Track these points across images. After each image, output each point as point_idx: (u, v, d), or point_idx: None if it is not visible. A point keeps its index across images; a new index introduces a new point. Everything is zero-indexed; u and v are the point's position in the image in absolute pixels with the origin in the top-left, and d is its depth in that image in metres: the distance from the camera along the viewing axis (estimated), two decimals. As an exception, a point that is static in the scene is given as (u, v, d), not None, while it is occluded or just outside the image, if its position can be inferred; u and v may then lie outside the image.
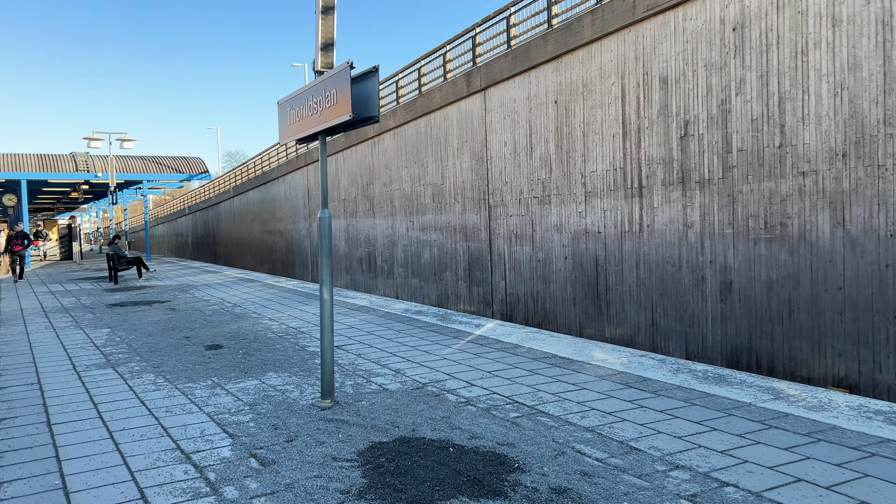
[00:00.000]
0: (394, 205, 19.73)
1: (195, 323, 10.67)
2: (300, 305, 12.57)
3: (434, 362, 7.14)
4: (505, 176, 14.79)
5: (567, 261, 12.91)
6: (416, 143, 18.51)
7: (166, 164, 31.40)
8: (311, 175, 26.28)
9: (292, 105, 5.80)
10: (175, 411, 5.57)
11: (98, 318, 11.68)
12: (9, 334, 10.04)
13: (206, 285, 17.70)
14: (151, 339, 9.28)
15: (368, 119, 4.93)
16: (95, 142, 25.18)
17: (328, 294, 5.60)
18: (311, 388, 6.24)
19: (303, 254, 27.28)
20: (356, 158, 22.35)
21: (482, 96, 15.63)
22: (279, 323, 10.41)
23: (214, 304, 13.14)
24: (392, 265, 19.89)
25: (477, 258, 15.85)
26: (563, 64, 13.05)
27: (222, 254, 39.79)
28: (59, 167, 28.69)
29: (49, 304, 14.10)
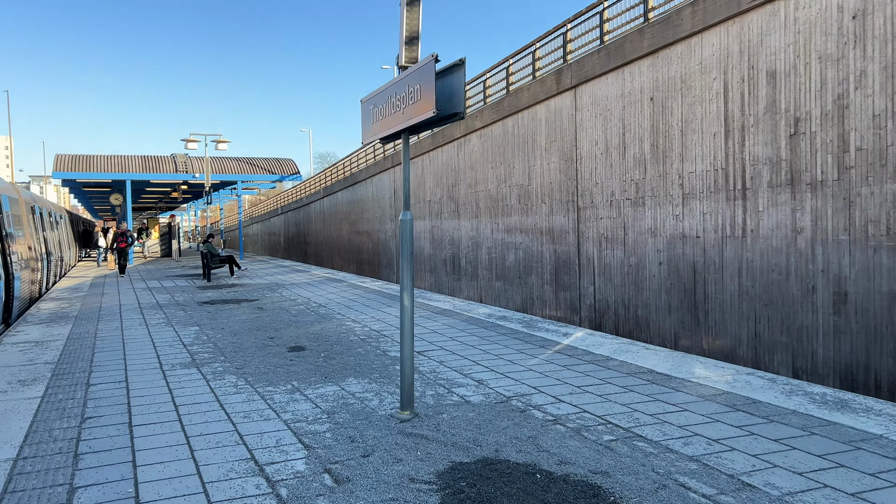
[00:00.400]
0: (479, 206, 19.43)
1: (280, 323, 10.70)
2: (384, 307, 12.45)
3: (519, 373, 6.76)
4: (595, 176, 14.21)
5: (662, 266, 12.23)
6: (502, 143, 18.14)
7: (259, 166, 32.29)
8: (399, 176, 26.35)
9: (375, 103, 5.57)
10: (253, 417, 5.45)
11: (189, 315, 11.94)
12: (107, 330, 10.36)
13: (293, 284, 17.95)
14: (237, 338, 9.33)
15: (453, 116, 4.63)
16: (192, 143, 26.14)
17: (409, 300, 5.33)
18: (391, 396, 6.00)
19: (388, 254, 27.41)
20: (442, 159, 22.19)
21: (572, 94, 15.09)
22: (362, 325, 10.29)
23: (300, 304, 13.21)
24: (476, 267, 19.59)
25: (564, 262, 15.32)
26: (659, 59, 12.38)
27: (312, 253, 40.68)
28: (160, 168, 30.01)
29: (145, 300, 14.60)
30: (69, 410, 5.72)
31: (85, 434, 5.05)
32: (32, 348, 8.76)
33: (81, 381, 6.84)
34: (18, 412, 5.69)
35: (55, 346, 8.93)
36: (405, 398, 5.31)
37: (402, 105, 5.00)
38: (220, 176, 30.37)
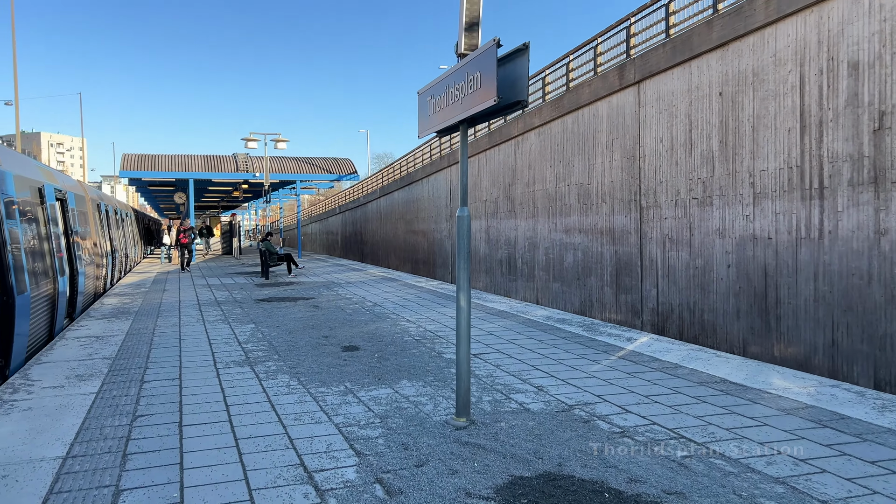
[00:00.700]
0: (536, 206, 19.03)
1: (335, 322, 10.58)
2: (439, 307, 12.22)
3: (581, 380, 6.41)
4: (659, 175, 13.67)
5: (730, 269, 11.64)
6: (561, 141, 17.70)
7: (318, 165, 32.57)
8: (454, 176, 26.14)
9: (432, 94, 5.32)
10: (304, 419, 5.27)
11: (245, 312, 11.95)
12: (164, 326, 10.43)
13: (349, 283, 17.92)
14: (291, 337, 9.24)
15: (515, 104, 4.33)
16: (252, 142, 26.49)
17: (465, 300, 5.06)
18: (446, 401, 5.73)
19: (444, 254, 27.23)
20: (498, 158, 21.86)
21: (636, 90, 14.57)
22: (416, 325, 10.08)
23: (355, 303, 13.11)
24: (533, 268, 19.19)
25: (625, 263, 14.80)
26: (729, 52, 11.79)
27: (368, 252, 40.88)
28: (221, 167, 30.58)
29: (204, 297, 14.75)
30: (122, 408, 5.66)
31: (135, 433, 4.95)
32: (93, 343, 8.85)
33: (136, 377, 6.82)
34: (73, 408, 5.66)
35: (114, 341, 9.01)
36: (461, 404, 5.04)
37: (461, 95, 4.73)
38: (280, 175, 30.74)
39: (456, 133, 5.09)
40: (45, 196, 9.88)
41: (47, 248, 9.65)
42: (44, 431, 5.00)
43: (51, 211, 10.09)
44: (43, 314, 9.10)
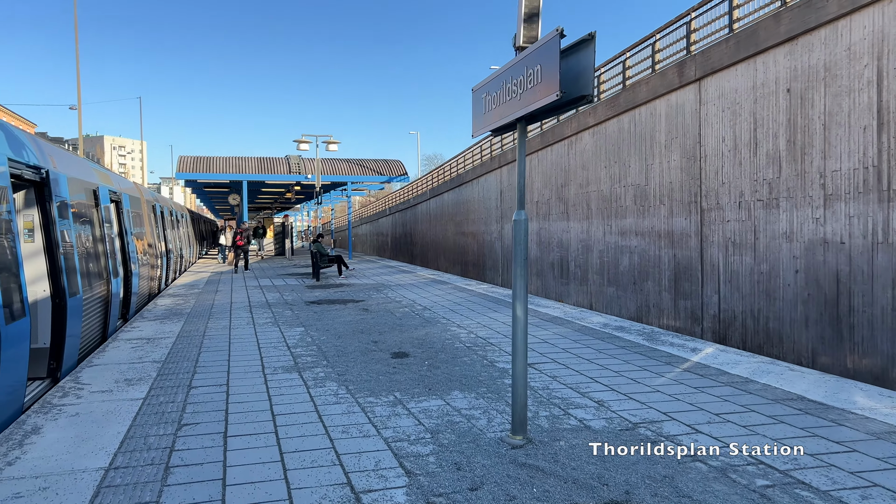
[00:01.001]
0: (590, 207, 18.53)
1: (384, 326, 10.38)
2: (490, 312, 11.91)
3: (645, 395, 6.02)
4: (721, 176, 13.07)
5: (798, 275, 11.00)
6: (617, 141, 17.18)
7: (368, 167, 32.62)
8: (505, 177, 25.77)
9: (488, 91, 5.03)
10: (352, 432, 5.03)
11: (295, 315, 11.86)
12: (215, 328, 10.40)
13: (399, 285, 17.74)
14: (341, 341, 9.06)
15: (580, 99, 4.00)
16: (303, 144, 26.64)
17: (522, 309, 4.74)
18: (501, 416, 5.42)
19: (494, 256, 26.87)
20: (551, 159, 21.41)
21: (696, 87, 13.99)
22: (468, 331, 9.79)
23: (405, 307, 12.90)
24: (586, 272, 18.70)
25: (685, 268, 14.22)
26: (798, 46, 11.16)
27: (418, 254, 40.81)
28: (274, 169, 30.90)
29: (256, 298, 14.76)
30: (167, 415, 5.53)
31: (179, 443, 4.80)
32: (143, 345, 8.83)
33: (184, 382, 6.71)
34: (119, 414, 5.56)
35: (165, 343, 8.98)
36: (517, 421, 4.73)
37: (519, 90, 4.42)
38: (331, 177, 30.88)
39: (510, 132, 4.81)
40: (99, 198, 9.95)
41: (100, 249, 9.70)
42: (88, 440, 4.89)
43: (105, 213, 10.15)
44: (95, 316, 9.13)
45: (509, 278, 24.94)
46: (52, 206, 7.37)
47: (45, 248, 7.27)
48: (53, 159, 8.00)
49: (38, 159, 7.28)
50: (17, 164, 6.47)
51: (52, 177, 7.48)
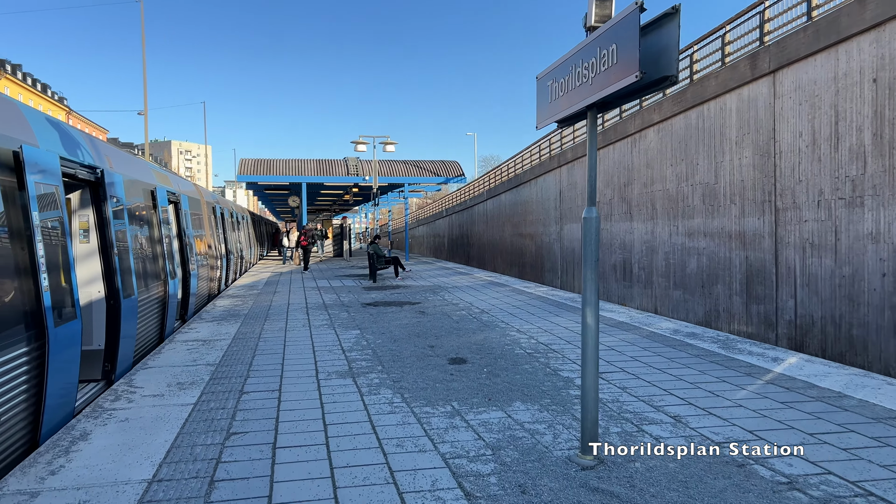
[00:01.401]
0: (654, 207, 17.81)
1: (441, 330, 10.04)
2: (550, 316, 11.43)
3: (726, 410, 5.49)
4: (798, 173, 12.27)
5: (885, 278, 10.17)
6: (684, 137, 16.43)
7: (425, 168, 32.44)
8: (564, 176, 25.15)
9: (555, 77, 4.62)
10: (406, 446, 4.69)
11: (351, 317, 11.65)
12: (271, 330, 10.26)
13: (455, 287, 17.41)
14: (396, 345, 8.76)
15: (662, 80, 3.56)
16: (361, 145, 26.60)
17: (593, 317, 4.31)
18: (567, 431, 4.99)
19: (552, 258, 26.27)
20: (613, 157, 20.73)
21: (770, 80, 13.19)
22: (528, 336, 9.36)
23: (462, 309, 12.54)
24: (650, 274, 17.97)
25: (757, 270, 13.43)
26: (886, 33, 10.34)
27: (474, 255, 40.44)
28: (332, 171, 31.04)
29: (313, 300, 14.65)
30: (217, 423, 5.30)
31: (226, 454, 4.55)
32: (199, 347, 8.73)
33: (236, 387, 6.51)
34: (168, 421, 5.37)
35: (220, 346, 8.86)
36: (588, 439, 4.30)
37: (591, 74, 4.01)
38: (388, 178, 30.81)
39: (579, 123, 4.41)
40: (156, 199, 9.93)
41: (157, 251, 9.66)
42: (135, 448, 4.70)
43: (162, 214, 10.13)
44: (152, 318, 9.08)
45: (568, 281, 24.30)
46: (107, 207, 7.28)
47: (100, 248, 7.19)
48: (110, 159, 7.94)
49: (93, 159, 7.20)
50: (70, 163, 6.38)
51: (107, 177, 7.38)
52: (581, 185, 23.41)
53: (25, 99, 69.83)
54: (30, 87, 71.32)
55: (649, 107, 18.41)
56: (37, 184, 5.30)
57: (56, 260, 5.57)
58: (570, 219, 24.37)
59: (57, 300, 5.36)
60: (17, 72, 69.47)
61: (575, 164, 24.06)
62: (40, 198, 5.36)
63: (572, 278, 23.97)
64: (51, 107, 76.74)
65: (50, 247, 5.46)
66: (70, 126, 7.16)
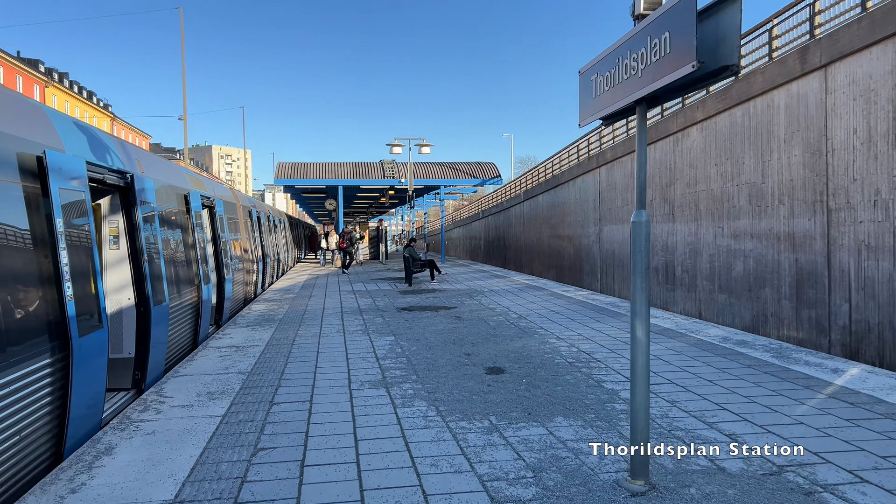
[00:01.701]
0: (698, 208, 17.25)
1: (478, 336, 9.74)
2: (591, 322, 11.04)
3: (787, 428, 5.08)
4: (853, 172, 11.67)
5: (952, 283, 9.57)
6: (729, 136, 15.86)
7: (461, 170, 32.15)
8: (604, 177, 24.63)
9: (599, 71, 4.30)
10: (441, 466, 4.41)
11: (386, 322, 11.43)
12: (305, 336, 10.10)
13: (492, 291, 17.09)
14: (431, 353, 8.50)
15: (721, 71, 3.22)
16: (396, 147, 26.45)
17: (643, 329, 3.98)
18: (614, 451, 4.66)
19: (591, 261, 25.75)
20: (654, 157, 20.18)
21: (821, 75, 12.60)
22: (568, 344, 9.00)
23: (499, 314, 12.22)
24: (694, 277, 17.41)
25: (808, 273, 12.84)
26: (949, 20, 9.74)
27: (511, 258, 40.03)
28: (368, 174, 30.98)
29: (348, 304, 14.49)
30: (244, 437, 5.10)
31: (252, 473, 4.33)
32: (232, 354, 8.58)
33: (266, 398, 6.31)
34: (196, 434, 5.18)
35: (253, 352, 8.70)
36: (638, 461, 3.97)
37: (639, 66, 3.68)
38: (424, 181, 30.61)
39: (626, 119, 4.11)
40: (190, 203, 9.84)
41: (190, 256, 9.56)
42: (159, 464, 4.51)
43: (196, 218, 10.03)
44: (184, 324, 8.97)
45: (608, 284, 23.77)
46: (137, 212, 7.13)
47: (130, 254, 7.07)
48: (140, 163, 7.82)
49: (123, 163, 7.07)
50: (98, 168, 6.23)
51: (137, 182, 7.25)
52: (621, 185, 22.88)
53: (72, 107, 71.56)
54: (76, 95, 73.02)
55: (692, 105, 17.85)
56: (61, 189, 5.14)
57: (81, 267, 5.40)
58: (609, 220, 23.84)
59: (82, 309, 5.22)
60: (63, 80, 71.17)
61: (614, 165, 23.54)
62: (65, 204, 5.19)
63: (612, 281, 23.45)
64: (96, 114, 78.52)
65: (75, 254, 5.29)
66: (99, 130, 7.02)
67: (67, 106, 69.90)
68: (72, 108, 70.83)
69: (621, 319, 11.21)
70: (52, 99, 66.21)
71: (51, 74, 67.75)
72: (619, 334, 9.69)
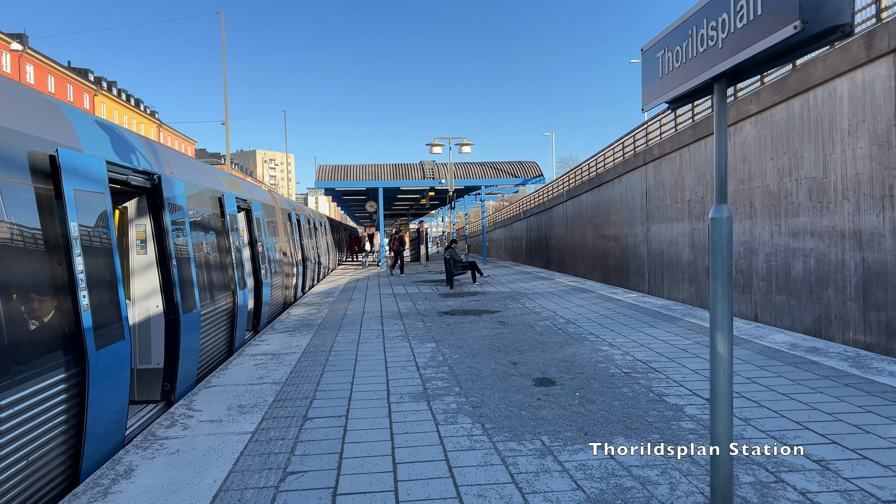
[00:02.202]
0: (753, 205, 16.39)
1: (524, 343, 9.21)
2: (645, 327, 10.40)
3: (884, 453, 4.44)
4: (929, 163, 10.79)
5: None
6: (786, 128, 15.00)
7: (502, 169, 31.55)
8: (651, 174, 23.80)
9: (666, 46, 3.76)
10: (490, 497, 3.91)
11: (427, 328, 10.98)
12: (343, 342, 9.70)
13: (536, 294, 16.50)
14: (475, 361, 8.00)
15: (830, 32, 2.64)
16: (436, 147, 25.96)
17: (726, 344, 3.42)
18: (687, 481, 4.09)
19: (639, 261, 24.93)
20: (704, 152, 19.33)
21: (890, 61, 11.72)
22: (622, 352, 8.40)
23: (545, 319, 11.66)
24: (749, 278, 16.55)
25: (877, 273, 11.95)
26: None
27: (554, 258, 39.26)
28: (409, 175, 30.61)
29: (388, 308, 14.10)
30: (273, 458, 4.68)
31: (279, 501, 3.90)
32: (267, 362, 8.23)
33: (300, 412, 5.90)
34: (222, 454, 4.78)
35: (289, 360, 8.33)
36: (720, 500, 3.40)
37: (719, 35, 3.14)
38: (464, 181, 30.11)
39: (698, 100, 3.56)
40: (224, 206, 9.53)
41: (224, 260, 9.24)
42: (180, 490, 4.12)
43: (231, 222, 9.72)
44: (218, 331, 8.65)
45: (657, 285, 22.93)
46: (165, 215, 6.78)
47: (158, 260, 6.73)
48: (170, 164, 7.48)
49: (150, 164, 6.73)
50: (121, 168, 5.88)
51: (165, 183, 6.90)
52: (670, 182, 22.04)
53: (120, 114, 73.13)
54: (124, 103, 74.65)
55: (745, 97, 17.00)
56: (76, 191, 4.80)
57: (99, 274, 5.03)
58: (657, 219, 23.01)
59: (99, 320, 4.84)
60: (112, 88, 72.78)
61: (662, 162, 22.71)
62: (81, 206, 4.85)
63: (661, 283, 22.61)
64: (143, 121, 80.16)
65: (92, 260, 4.94)
66: (124, 129, 6.69)
67: (116, 114, 71.47)
68: (119, 115, 72.39)
69: (677, 324, 10.54)
70: (101, 107, 67.77)
71: (100, 83, 69.35)
72: (677, 341, 9.04)
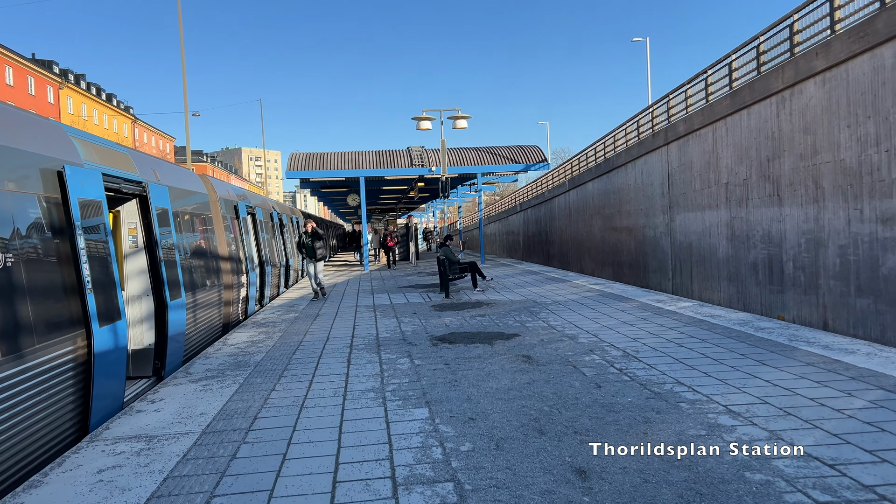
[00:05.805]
0: (819, 185, 12.92)
1: (574, 405, 5.65)
2: (753, 367, 6.82)
3: None
4: None
5: None
6: (870, 87, 11.53)
7: (501, 155, 27.86)
8: (674, 156, 20.27)
9: None
10: None
11: (415, 370, 7.40)
12: (279, 406, 6.10)
13: (557, 303, 12.94)
14: (504, 460, 4.42)
15: None
16: (425, 122, 21.62)
17: None
18: None
19: (660, 256, 21.40)
20: (748, 125, 15.82)
21: None
22: (769, 434, 4.83)
23: (589, 350, 8.10)
24: (815, 275, 13.08)
25: None
26: None
27: (555, 253, 35.75)
28: (394, 163, 26.89)
29: (362, 330, 10.52)
30: None
31: None
32: (124, 464, 4.62)
33: None
34: None
35: (166, 456, 4.73)
36: None
37: None
38: (458, 168, 26.43)
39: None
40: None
41: None
42: None
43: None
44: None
45: (684, 283, 19.41)
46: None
47: None
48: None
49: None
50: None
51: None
52: (699, 164, 18.51)
53: (89, 109, 68.86)
54: (94, 97, 70.28)
55: (806, 50, 13.52)
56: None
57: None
58: (683, 207, 19.48)
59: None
60: (80, 82, 68.38)
61: (689, 139, 19.16)
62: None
63: (689, 281, 19.08)
64: (116, 116, 75.93)
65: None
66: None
67: (84, 108, 67.08)
68: (89, 109, 68.01)
69: (796, 358, 6.99)
70: (66, 101, 63.37)
71: (66, 76, 64.87)
72: (835, 401, 5.48)
